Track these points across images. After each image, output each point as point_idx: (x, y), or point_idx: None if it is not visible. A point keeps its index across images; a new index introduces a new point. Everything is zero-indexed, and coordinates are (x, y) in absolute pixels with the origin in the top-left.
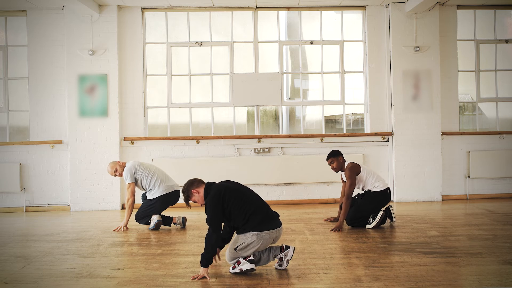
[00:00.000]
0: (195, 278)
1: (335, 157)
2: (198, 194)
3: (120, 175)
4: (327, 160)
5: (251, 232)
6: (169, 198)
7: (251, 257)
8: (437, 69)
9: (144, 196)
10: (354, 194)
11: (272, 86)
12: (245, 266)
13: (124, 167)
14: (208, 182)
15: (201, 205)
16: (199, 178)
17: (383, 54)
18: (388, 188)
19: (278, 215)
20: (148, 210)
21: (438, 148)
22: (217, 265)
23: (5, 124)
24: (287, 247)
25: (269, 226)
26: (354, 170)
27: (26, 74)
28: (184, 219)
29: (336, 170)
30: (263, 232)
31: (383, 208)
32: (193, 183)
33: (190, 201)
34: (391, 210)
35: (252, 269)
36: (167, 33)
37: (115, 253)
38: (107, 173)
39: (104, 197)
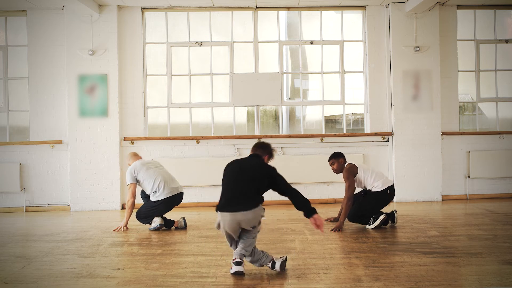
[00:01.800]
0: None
1: (336, 158)
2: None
3: None
4: (328, 161)
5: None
6: (174, 200)
7: (238, 259)
8: (437, 69)
9: (143, 194)
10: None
11: (272, 86)
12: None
13: (134, 163)
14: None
15: None
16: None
17: (383, 54)
18: (389, 188)
19: (244, 201)
20: (152, 211)
21: (438, 148)
22: (217, 265)
23: (5, 124)
24: (274, 265)
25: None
26: (351, 171)
27: (26, 74)
28: (183, 219)
29: (337, 171)
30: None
31: (388, 212)
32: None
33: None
34: (395, 215)
35: (242, 272)
36: (167, 33)
37: (115, 253)
38: (107, 173)
39: (104, 197)
